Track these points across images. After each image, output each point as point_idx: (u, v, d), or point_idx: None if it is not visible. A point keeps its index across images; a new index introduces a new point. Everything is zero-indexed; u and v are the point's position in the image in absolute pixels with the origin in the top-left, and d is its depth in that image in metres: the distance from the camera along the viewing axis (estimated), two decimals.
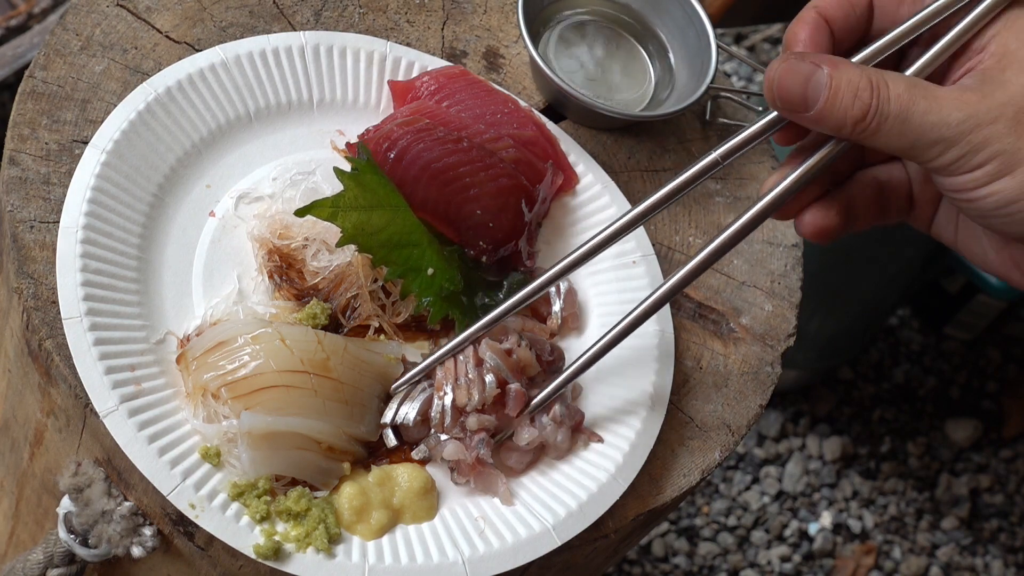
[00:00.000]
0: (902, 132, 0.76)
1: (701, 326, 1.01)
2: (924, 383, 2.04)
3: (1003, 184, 0.75)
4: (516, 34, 1.10)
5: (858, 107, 0.76)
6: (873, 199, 0.84)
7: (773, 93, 0.78)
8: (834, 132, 0.78)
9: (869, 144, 0.78)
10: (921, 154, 0.76)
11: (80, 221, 0.89)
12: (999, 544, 1.93)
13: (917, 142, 0.76)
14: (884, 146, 0.77)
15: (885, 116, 0.76)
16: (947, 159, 0.76)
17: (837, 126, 0.77)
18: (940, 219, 0.85)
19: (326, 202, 0.89)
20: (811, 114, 0.77)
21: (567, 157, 1.02)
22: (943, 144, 0.75)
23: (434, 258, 0.92)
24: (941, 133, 0.75)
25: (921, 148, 0.76)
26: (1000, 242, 0.82)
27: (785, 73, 0.77)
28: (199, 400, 0.86)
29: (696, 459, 0.95)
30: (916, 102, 0.76)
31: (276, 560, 0.83)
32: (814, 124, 0.78)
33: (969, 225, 0.83)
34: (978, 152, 0.75)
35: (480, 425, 0.88)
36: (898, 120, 0.76)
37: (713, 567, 1.85)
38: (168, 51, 0.99)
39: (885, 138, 0.76)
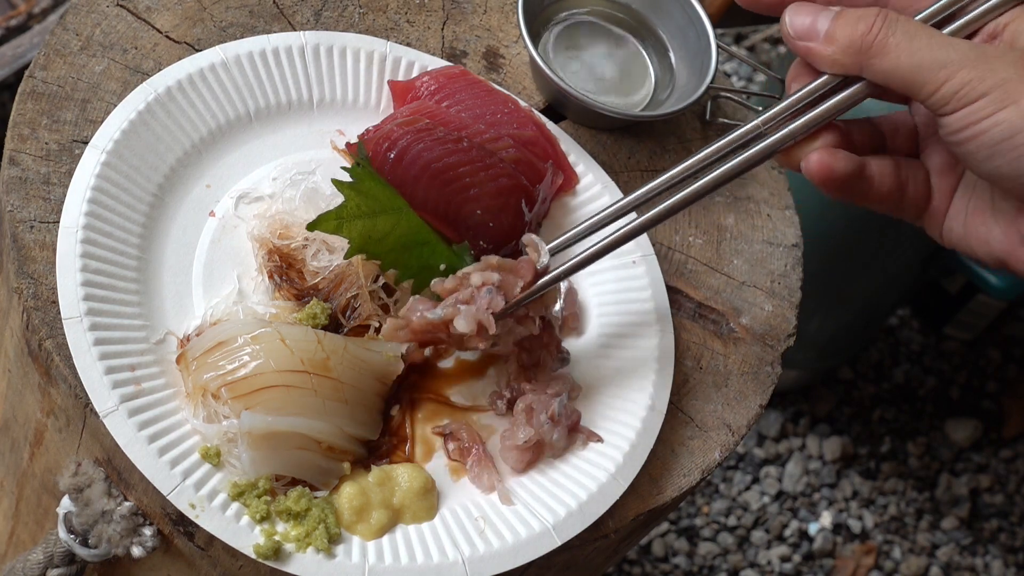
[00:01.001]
0: (910, 50, 0.77)
1: (701, 326, 1.01)
2: (924, 383, 2.04)
3: (1008, 113, 0.76)
4: (516, 34, 1.10)
5: (863, 23, 0.78)
6: (891, 173, 0.84)
7: (787, 25, 0.81)
8: (843, 54, 0.79)
9: (877, 69, 0.79)
10: (928, 78, 0.77)
11: (80, 221, 0.89)
12: (999, 544, 1.93)
13: (923, 62, 0.77)
14: (892, 68, 0.78)
15: (892, 31, 0.78)
16: (953, 85, 0.76)
17: (847, 43, 0.79)
18: (952, 211, 0.85)
19: (330, 215, 0.89)
20: (821, 39, 0.80)
21: (567, 157, 1.02)
22: (950, 67, 0.76)
23: (445, 252, 0.92)
24: (948, 55, 0.76)
25: (928, 70, 0.77)
26: (1008, 219, 0.82)
27: (798, 9, 0.81)
28: (199, 400, 0.86)
29: (696, 459, 0.95)
30: (923, 28, 0.78)
31: (276, 560, 0.83)
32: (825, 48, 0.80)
33: (979, 208, 0.83)
34: (984, 79, 0.76)
35: (484, 280, 0.87)
36: (906, 35, 0.77)
37: (713, 567, 1.85)
38: (168, 51, 0.99)
39: (893, 56, 0.77)
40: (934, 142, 0.85)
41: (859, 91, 0.82)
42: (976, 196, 0.84)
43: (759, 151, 0.85)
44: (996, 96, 0.76)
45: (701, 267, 1.03)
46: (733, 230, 1.06)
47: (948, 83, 0.77)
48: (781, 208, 1.08)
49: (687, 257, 1.04)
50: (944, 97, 0.77)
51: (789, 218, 1.08)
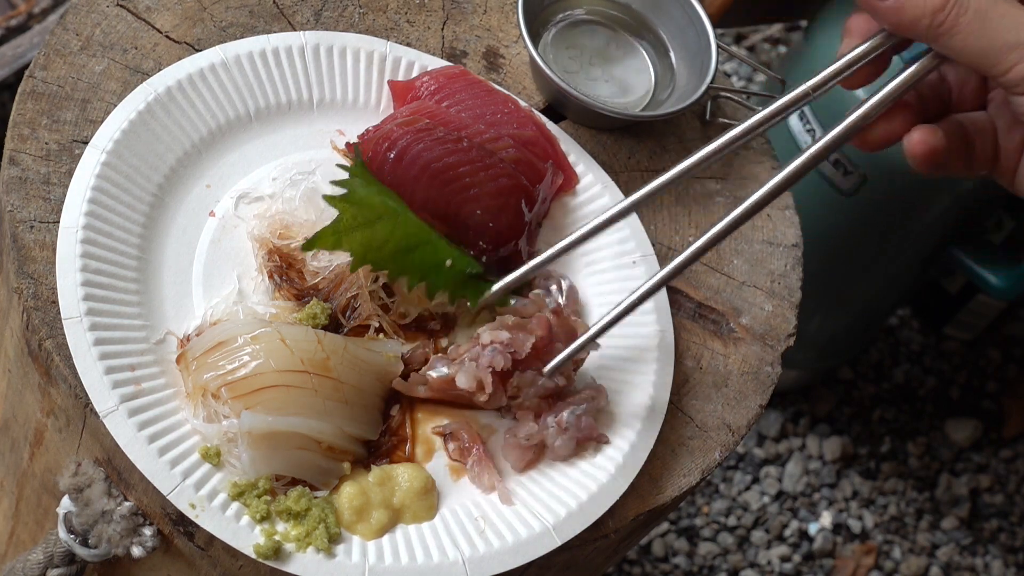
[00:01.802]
0: (981, 30, 0.76)
1: (701, 326, 1.01)
2: (924, 383, 2.04)
3: None
4: (516, 34, 1.10)
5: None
6: (960, 144, 0.83)
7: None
8: (912, 26, 0.78)
9: (946, 46, 0.77)
10: (998, 60, 0.76)
11: (80, 221, 0.89)
12: (999, 544, 1.93)
13: (994, 43, 0.76)
14: (961, 48, 0.77)
15: (964, 8, 0.76)
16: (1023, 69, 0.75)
17: (916, 15, 0.77)
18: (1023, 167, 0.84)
19: (327, 231, 0.88)
20: (890, 3, 0.78)
21: (567, 157, 1.02)
22: (1020, 50, 0.75)
23: (446, 248, 0.92)
24: (1019, 37, 0.75)
25: (998, 51, 0.76)
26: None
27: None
28: (199, 400, 0.86)
29: (696, 459, 0.95)
30: (996, 4, 0.76)
31: (276, 560, 0.83)
32: (894, 15, 0.78)
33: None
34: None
35: (492, 339, 0.88)
36: (977, 16, 0.76)
37: (713, 567, 1.85)
38: (168, 51, 0.99)
39: (963, 36, 0.76)
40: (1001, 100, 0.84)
41: (929, 63, 0.81)
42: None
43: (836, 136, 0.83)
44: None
45: (701, 267, 1.03)
46: None
47: (1018, 66, 0.76)
48: (781, 208, 1.08)
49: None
50: (1014, 79, 0.76)
51: (789, 218, 1.08)
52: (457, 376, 0.88)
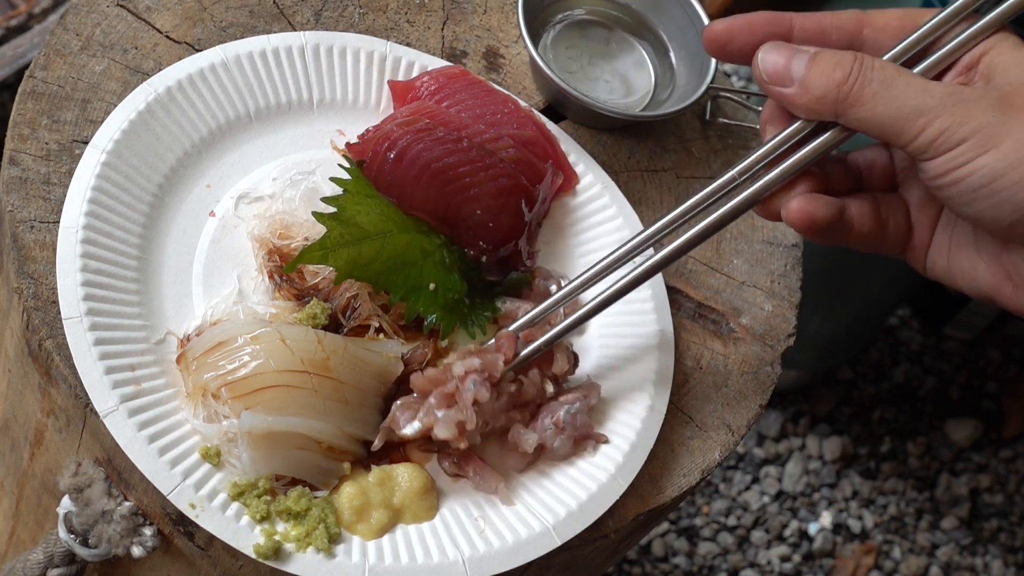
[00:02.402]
0: (887, 98, 0.76)
1: (701, 326, 1.01)
2: (924, 383, 2.04)
3: (987, 159, 0.75)
4: (516, 34, 1.10)
5: (840, 71, 0.77)
6: (870, 211, 0.84)
7: (759, 68, 0.80)
8: (819, 103, 0.78)
9: (854, 118, 0.77)
10: (905, 127, 0.76)
11: (80, 221, 0.89)
12: (999, 544, 1.93)
13: (901, 110, 0.76)
14: (869, 117, 0.77)
15: (869, 79, 0.77)
16: (931, 134, 0.75)
17: (822, 92, 0.77)
18: (935, 245, 0.84)
19: (314, 247, 0.89)
20: (794, 87, 0.78)
21: (567, 157, 1.02)
22: (927, 115, 0.75)
23: (432, 271, 0.92)
24: (925, 103, 0.75)
25: (905, 119, 0.76)
26: (991, 254, 0.81)
27: (770, 50, 0.80)
28: (199, 400, 0.86)
29: (696, 459, 0.95)
30: (900, 74, 0.77)
31: (276, 560, 0.83)
32: (800, 96, 0.79)
33: (961, 243, 0.82)
34: (962, 124, 0.75)
35: (467, 368, 0.86)
36: (882, 85, 0.76)
37: (713, 567, 1.85)
38: (168, 51, 0.99)
39: (870, 105, 0.76)
40: (912, 176, 0.84)
41: (835, 137, 0.81)
42: (958, 231, 0.83)
43: (737, 204, 0.84)
44: (975, 142, 0.75)
45: (701, 267, 1.04)
46: (733, 230, 1.06)
47: (926, 131, 0.76)
48: None
49: (687, 257, 1.04)
50: (922, 145, 0.76)
51: None
52: (436, 428, 0.85)
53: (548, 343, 0.89)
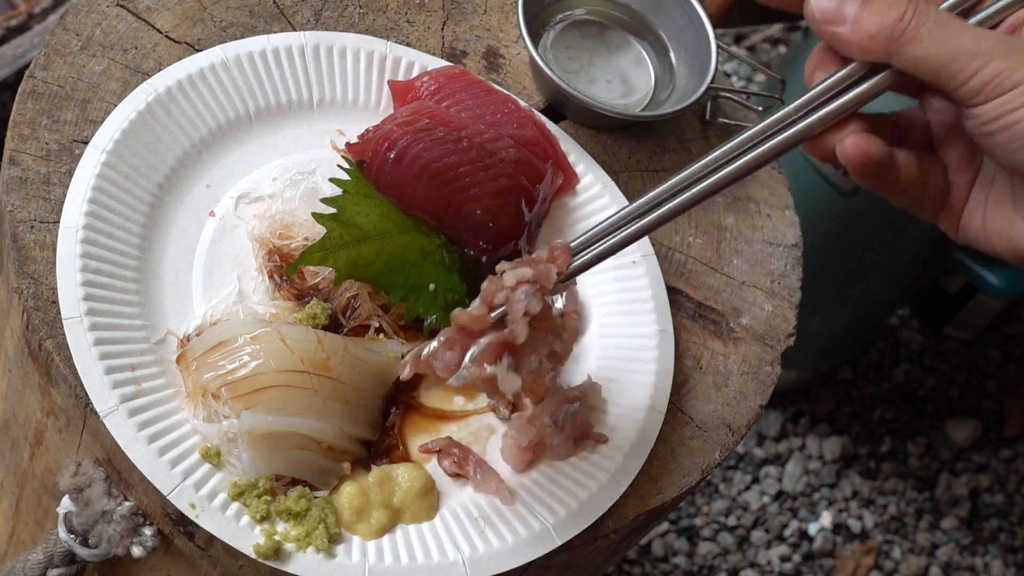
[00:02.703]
0: (942, 38, 0.76)
1: (701, 326, 1.01)
2: (924, 383, 2.04)
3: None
4: (516, 34, 1.10)
5: (895, 10, 0.76)
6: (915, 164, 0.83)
7: (811, 6, 0.79)
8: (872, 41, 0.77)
9: (907, 57, 0.77)
10: (959, 68, 0.75)
11: (80, 221, 0.89)
12: (999, 544, 1.93)
13: (956, 50, 0.75)
14: (924, 56, 0.76)
15: (925, 18, 0.76)
16: (985, 75, 0.75)
17: (876, 29, 0.77)
18: (970, 205, 0.84)
19: (314, 248, 0.89)
20: (847, 25, 0.78)
21: (567, 157, 1.02)
22: (981, 57, 0.75)
23: (432, 272, 0.92)
24: (979, 45, 0.75)
25: (960, 59, 0.75)
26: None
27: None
28: (199, 400, 0.86)
29: (696, 459, 0.95)
30: (954, 18, 0.77)
31: (276, 560, 0.83)
32: (853, 33, 0.78)
33: (999, 201, 0.82)
34: (1016, 70, 0.74)
35: (519, 278, 0.82)
36: (938, 24, 0.76)
37: (713, 567, 1.85)
38: (168, 51, 0.99)
39: (925, 45, 0.76)
40: (949, 138, 0.84)
41: (884, 80, 0.81)
42: (996, 189, 0.83)
43: (789, 137, 0.82)
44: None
45: (701, 267, 1.04)
46: (733, 230, 1.06)
47: (980, 73, 0.75)
48: (781, 208, 1.08)
49: (687, 257, 1.04)
50: (975, 88, 0.76)
51: (789, 218, 1.08)
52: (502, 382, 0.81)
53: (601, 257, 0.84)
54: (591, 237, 0.85)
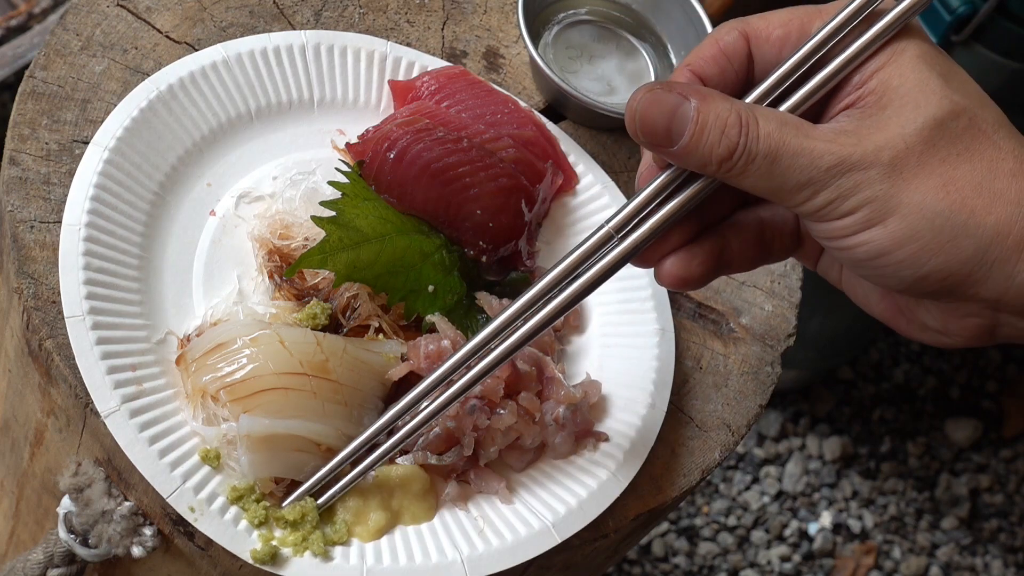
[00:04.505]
0: (770, 173, 0.72)
1: (701, 326, 1.01)
2: (924, 383, 2.04)
3: (874, 234, 0.71)
4: (516, 34, 1.10)
5: (725, 146, 0.71)
6: (754, 241, 0.80)
7: (635, 125, 0.73)
8: (699, 170, 0.74)
9: (736, 184, 0.73)
10: (789, 197, 0.72)
11: (83, 219, 0.88)
12: (999, 544, 1.93)
13: (784, 184, 0.71)
14: (751, 187, 0.73)
15: (753, 156, 0.71)
16: (816, 204, 0.72)
17: (702, 164, 0.73)
18: (825, 260, 0.81)
19: (314, 251, 0.89)
20: (675, 150, 0.73)
21: (567, 157, 1.02)
22: (812, 188, 0.71)
23: (431, 273, 0.92)
24: (810, 176, 0.71)
25: (789, 191, 0.72)
26: (883, 290, 0.78)
27: (649, 104, 0.73)
28: (199, 402, 0.86)
29: (696, 459, 0.95)
30: (786, 142, 0.71)
31: (273, 564, 0.83)
32: (678, 161, 0.74)
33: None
34: (848, 198, 0.71)
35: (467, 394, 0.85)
36: (766, 161, 0.71)
37: (713, 567, 1.85)
38: (168, 51, 0.99)
39: (752, 179, 0.72)
40: None
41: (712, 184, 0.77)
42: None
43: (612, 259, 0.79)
44: (861, 216, 0.71)
45: None
46: None
47: (810, 202, 0.72)
48: None
49: None
50: (807, 212, 0.72)
51: None
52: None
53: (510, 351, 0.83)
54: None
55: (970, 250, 0.71)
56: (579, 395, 0.90)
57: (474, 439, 0.87)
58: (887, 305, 0.78)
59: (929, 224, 0.70)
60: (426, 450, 0.87)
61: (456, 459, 0.87)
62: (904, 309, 0.77)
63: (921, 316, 0.76)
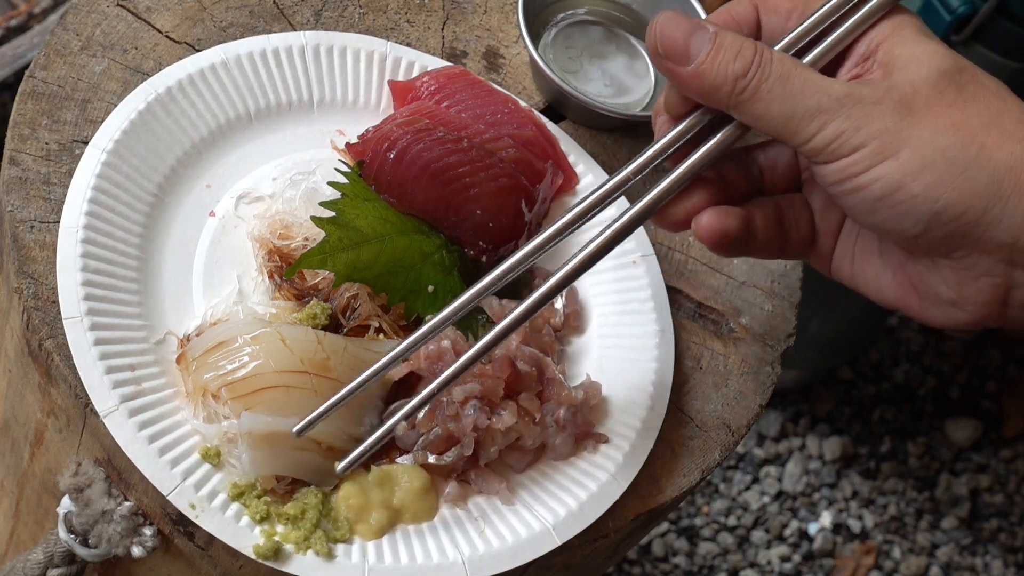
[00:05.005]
0: (783, 96, 0.72)
1: (701, 326, 1.01)
2: (924, 383, 2.04)
3: (887, 168, 0.71)
4: (516, 34, 1.10)
5: (740, 63, 0.73)
6: (775, 220, 0.80)
7: (655, 39, 0.75)
8: (713, 92, 0.74)
9: (748, 114, 0.74)
10: (800, 127, 0.72)
11: (81, 221, 0.89)
12: (999, 544, 1.93)
13: (796, 109, 0.72)
14: (763, 115, 0.73)
15: (767, 75, 0.72)
16: (826, 136, 0.72)
17: (718, 83, 0.73)
18: (839, 251, 0.81)
19: (314, 251, 0.89)
20: (691, 68, 0.74)
21: (567, 157, 1.02)
22: (823, 116, 0.71)
23: (431, 273, 0.92)
24: (821, 103, 0.71)
25: (800, 118, 0.72)
26: (896, 263, 0.77)
27: (670, 21, 0.75)
28: (199, 400, 0.86)
29: (696, 459, 0.95)
30: (798, 70, 0.73)
31: (276, 560, 0.83)
32: (694, 80, 0.74)
33: (866, 251, 0.79)
34: (859, 129, 0.71)
35: (467, 394, 0.86)
36: (779, 81, 0.72)
37: (713, 567, 1.85)
38: (168, 51, 0.99)
39: (765, 102, 0.72)
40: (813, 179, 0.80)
41: (732, 134, 0.77)
42: (863, 238, 0.79)
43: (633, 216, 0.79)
44: (872, 149, 0.71)
45: (701, 267, 1.04)
46: None
47: (821, 133, 0.72)
48: None
49: (687, 257, 1.04)
50: (817, 147, 0.72)
51: None
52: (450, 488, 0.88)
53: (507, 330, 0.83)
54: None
55: (983, 182, 0.71)
56: (579, 396, 0.90)
57: (474, 439, 0.87)
58: (900, 282, 0.78)
59: (942, 155, 0.71)
60: (426, 450, 0.87)
61: (456, 459, 0.87)
62: (917, 282, 0.77)
63: (935, 286, 0.76)
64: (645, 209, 0.79)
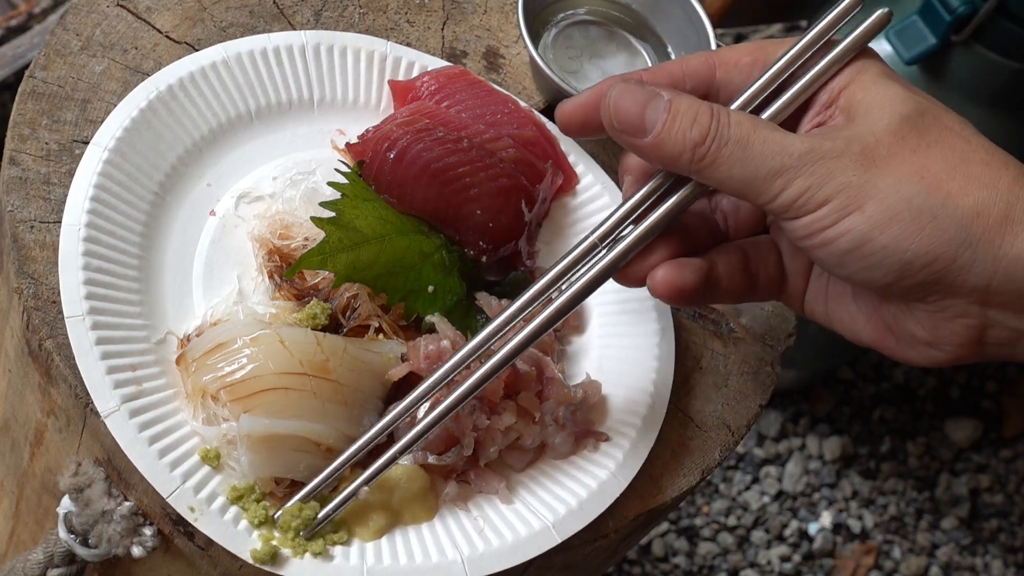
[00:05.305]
0: (743, 160, 0.72)
1: (701, 326, 1.01)
2: (924, 383, 2.04)
3: (853, 221, 0.70)
4: (516, 34, 1.10)
5: (697, 130, 0.72)
6: (740, 267, 0.80)
7: (610, 115, 0.75)
8: (673, 161, 0.74)
9: (709, 178, 0.73)
10: (763, 188, 0.72)
11: (83, 219, 0.88)
12: (999, 544, 1.93)
13: (758, 172, 0.71)
14: (725, 178, 0.73)
15: (725, 140, 0.72)
16: (790, 194, 0.71)
17: (676, 152, 0.73)
18: (811, 293, 0.81)
19: (314, 252, 0.89)
20: (649, 139, 0.74)
21: (567, 157, 1.02)
22: (785, 175, 0.71)
23: (431, 273, 0.92)
24: (783, 162, 0.71)
25: (762, 180, 0.71)
26: (870, 306, 0.77)
27: (623, 94, 0.74)
28: (199, 402, 0.86)
29: (696, 459, 0.95)
30: (757, 130, 0.72)
31: (273, 564, 0.83)
32: (653, 151, 0.74)
33: (839, 294, 0.79)
34: (823, 185, 0.70)
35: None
36: (739, 146, 0.72)
37: (713, 567, 1.85)
38: (168, 51, 0.99)
39: (726, 167, 0.72)
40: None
41: (693, 192, 0.77)
42: (834, 281, 0.79)
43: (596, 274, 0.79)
44: (838, 203, 0.70)
45: None
46: None
47: (786, 191, 0.71)
48: None
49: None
50: (783, 205, 0.72)
51: None
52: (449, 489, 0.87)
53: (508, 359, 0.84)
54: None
55: (952, 230, 0.70)
56: (579, 395, 0.90)
57: (474, 439, 0.87)
58: (874, 325, 0.78)
59: (907, 205, 0.70)
60: (426, 450, 0.87)
61: (456, 459, 0.87)
62: (892, 324, 0.77)
63: (910, 328, 0.75)
64: (605, 270, 0.80)
